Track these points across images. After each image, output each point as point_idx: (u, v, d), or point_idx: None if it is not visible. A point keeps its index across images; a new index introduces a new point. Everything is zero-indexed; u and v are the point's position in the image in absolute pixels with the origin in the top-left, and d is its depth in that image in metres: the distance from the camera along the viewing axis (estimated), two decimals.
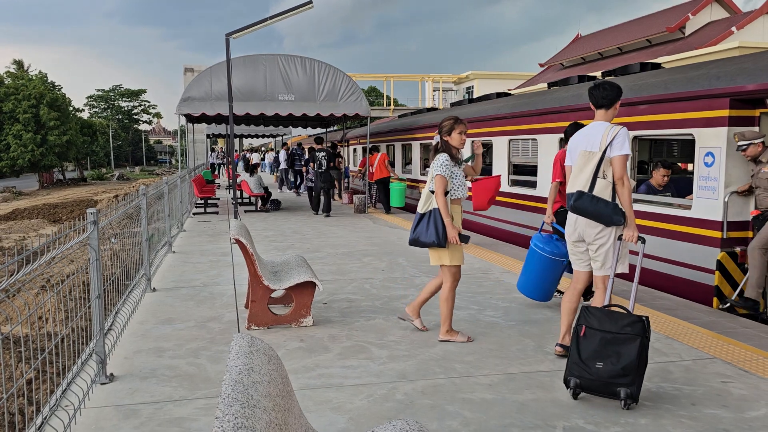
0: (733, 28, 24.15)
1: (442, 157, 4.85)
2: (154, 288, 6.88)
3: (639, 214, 7.27)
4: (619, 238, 4.21)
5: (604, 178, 4.21)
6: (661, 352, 4.70)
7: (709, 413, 3.64)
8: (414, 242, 4.93)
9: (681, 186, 7.52)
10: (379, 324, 5.50)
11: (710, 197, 6.43)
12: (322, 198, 14.46)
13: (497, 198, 9.87)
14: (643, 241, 4.17)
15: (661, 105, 7.06)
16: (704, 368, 4.36)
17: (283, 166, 23.84)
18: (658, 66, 8.56)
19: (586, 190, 4.23)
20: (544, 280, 5.86)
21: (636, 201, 7.29)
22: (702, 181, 6.54)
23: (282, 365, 2.13)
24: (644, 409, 3.69)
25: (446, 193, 4.81)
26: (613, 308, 3.89)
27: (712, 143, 6.35)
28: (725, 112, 6.21)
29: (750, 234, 6.21)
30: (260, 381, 1.82)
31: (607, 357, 3.68)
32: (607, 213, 4.15)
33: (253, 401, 1.67)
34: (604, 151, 4.18)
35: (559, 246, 5.74)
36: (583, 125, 4.95)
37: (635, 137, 7.58)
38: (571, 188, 4.37)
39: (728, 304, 6.01)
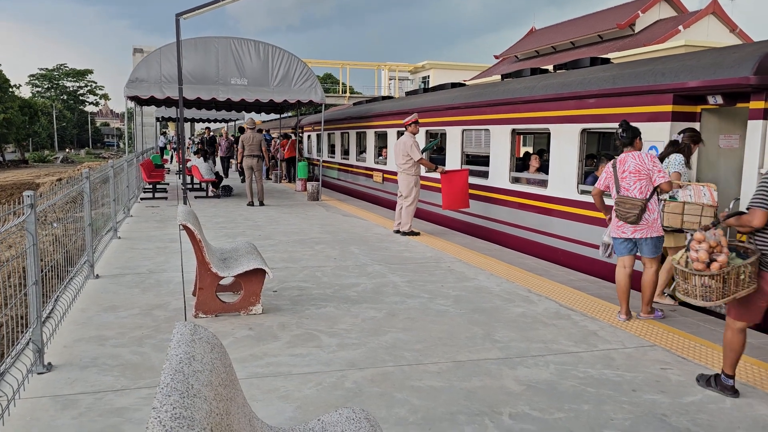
0: (680, 27, 24.90)
1: (680, 157, 5.62)
2: (97, 275, 6.66)
3: (582, 204, 7.46)
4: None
5: None
6: (605, 339, 4.84)
7: (648, 399, 3.76)
8: None
9: None
10: (329, 312, 5.48)
11: None
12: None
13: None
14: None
15: (609, 99, 7.22)
16: (645, 355, 4.51)
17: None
18: (607, 61, 8.75)
19: None
20: None
21: (584, 192, 7.51)
22: None
23: (226, 354, 2.08)
24: (587, 395, 3.79)
25: None
26: None
27: (656, 137, 6.54)
28: (669, 108, 6.40)
29: None
30: (202, 370, 1.77)
31: None
32: None
33: (193, 391, 1.62)
34: None
35: None
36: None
37: (583, 130, 7.74)
38: None
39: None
